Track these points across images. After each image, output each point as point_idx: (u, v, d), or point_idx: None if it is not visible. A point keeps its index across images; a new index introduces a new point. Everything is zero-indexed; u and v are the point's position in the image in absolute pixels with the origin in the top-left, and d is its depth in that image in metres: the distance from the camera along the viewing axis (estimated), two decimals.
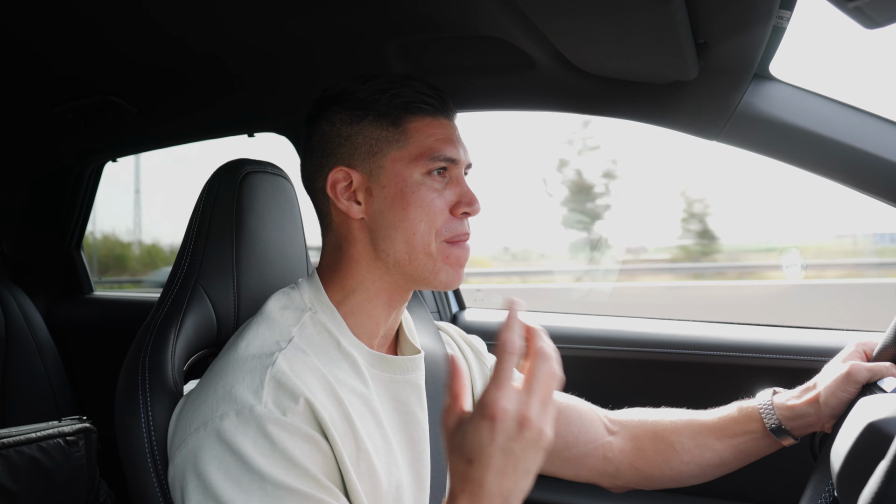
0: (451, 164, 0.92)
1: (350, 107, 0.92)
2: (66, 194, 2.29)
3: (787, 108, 1.14)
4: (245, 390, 0.78)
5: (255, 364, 0.81)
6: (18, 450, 1.40)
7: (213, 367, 0.85)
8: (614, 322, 1.70)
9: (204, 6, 1.12)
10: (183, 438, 0.78)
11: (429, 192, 0.90)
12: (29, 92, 1.58)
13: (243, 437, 0.74)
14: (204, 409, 0.78)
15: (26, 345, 1.99)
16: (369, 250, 0.92)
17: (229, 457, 0.74)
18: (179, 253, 1.01)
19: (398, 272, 0.92)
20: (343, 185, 0.92)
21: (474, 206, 0.92)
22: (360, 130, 0.91)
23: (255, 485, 0.72)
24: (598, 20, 0.94)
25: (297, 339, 0.86)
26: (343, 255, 0.94)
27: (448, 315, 1.91)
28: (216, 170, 1.05)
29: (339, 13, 1.14)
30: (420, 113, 0.91)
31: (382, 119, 0.91)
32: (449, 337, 1.18)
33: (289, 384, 0.78)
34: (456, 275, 0.93)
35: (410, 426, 0.94)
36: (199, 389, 0.83)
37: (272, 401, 0.77)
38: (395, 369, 0.95)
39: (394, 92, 0.91)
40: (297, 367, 0.81)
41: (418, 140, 0.90)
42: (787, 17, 1.00)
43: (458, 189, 0.92)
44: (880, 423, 0.76)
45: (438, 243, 0.90)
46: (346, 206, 0.91)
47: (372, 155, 0.91)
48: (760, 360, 1.49)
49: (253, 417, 0.75)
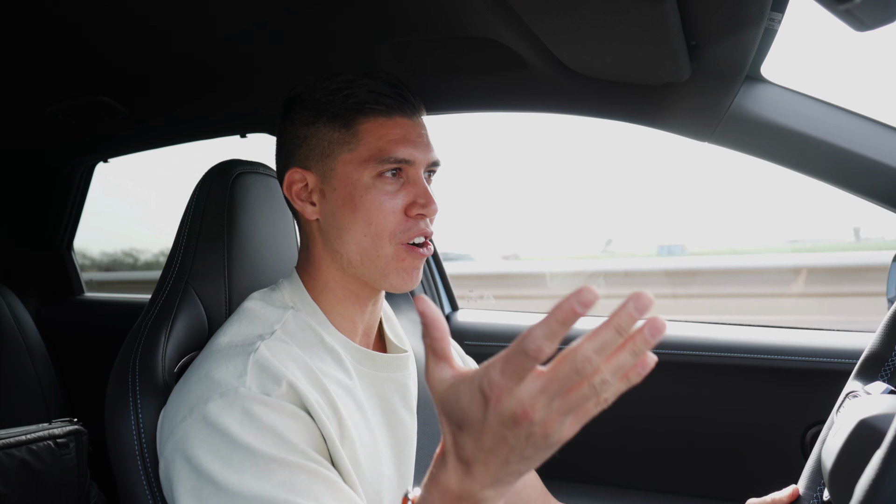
0: (406, 165, 0.90)
1: (307, 107, 0.92)
2: (56, 195, 2.28)
3: (778, 109, 1.15)
4: (228, 375, 0.78)
5: (238, 351, 0.82)
6: (8, 452, 1.39)
7: (195, 362, 0.86)
8: None
9: (195, 7, 1.11)
10: (170, 430, 0.78)
11: (378, 194, 0.89)
12: (19, 93, 1.57)
13: (229, 417, 0.75)
14: (188, 398, 0.79)
15: (16, 346, 1.98)
16: (327, 251, 0.93)
17: (217, 438, 0.74)
18: (170, 254, 1.01)
19: (352, 272, 0.92)
20: (299, 186, 0.93)
21: (429, 206, 0.90)
22: (314, 132, 0.92)
23: (247, 461, 0.72)
24: (590, 21, 0.94)
25: (279, 332, 0.87)
26: (309, 254, 0.96)
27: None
28: (208, 171, 1.05)
29: (331, 14, 1.13)
30: (373, 114, 0.90)
31: (335, 121, 0.91)
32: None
33: (272, 368, 0.79)
34: (408, 278, 0.92)
35: (394, 424, 0.94)
36: (181, 383, 0.83)
37: (256, 384, 0.78)
38: (380, 367, 0.95)
39: (348, 92, 0.90)
40: (279, 354, 0.82)
41: (368, 142, 0.89)
42: (778, 19, 1.01)
43: (413, 190, 0.91)
44: (871, 420, 0.77)
45: (394, 246, 0.90)
46: (300, 206, 0.93)
47: (324, 157, 0.91)
48: (760, 361, 1.49)
49: (238, 398, 0.76)
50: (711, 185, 9.96)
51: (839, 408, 0.93)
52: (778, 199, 7.53)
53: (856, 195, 1.18)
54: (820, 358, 1.44)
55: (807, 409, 1.45)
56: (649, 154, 10.60)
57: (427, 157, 0.92)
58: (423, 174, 0.93)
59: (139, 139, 1.99)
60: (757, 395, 1.51)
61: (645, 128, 1.34)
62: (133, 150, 2.11)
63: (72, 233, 2.41)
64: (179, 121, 1.81)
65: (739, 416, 1.54)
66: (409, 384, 0.98)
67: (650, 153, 11.25)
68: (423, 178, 0.92)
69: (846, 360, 1.40)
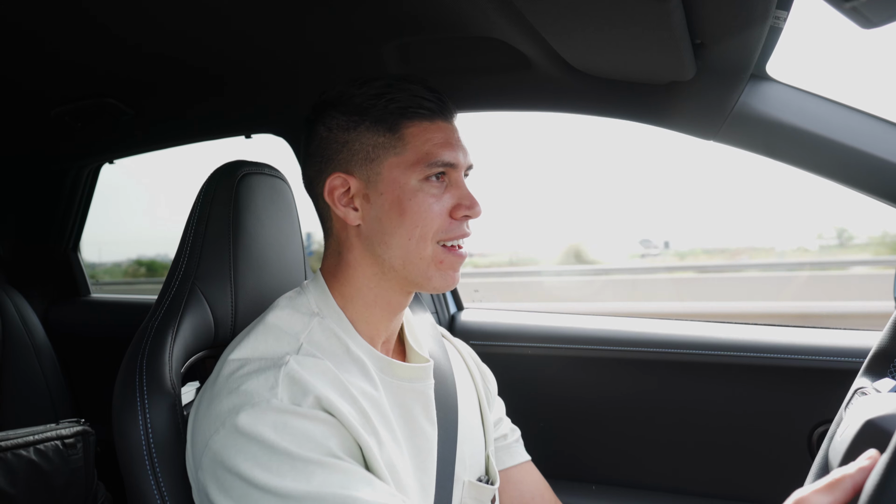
0: (450, 169, 0.91)
1: (347, 112, 0.91)
2: (63, 196, 2.29)
3: (783, 108, 1.14)
4: (260, 387, 0.79)
5: (268, 364, 0.82)
6: (16, 453, 1.40)
7: (218, 372, 0.85)
8: (614, 322, 1.70)
9: (200, 9, 1.11)
10: (204, 444, 0.78)
11: (426, 197, 0.89)
12: (26, 94, 1.58)
13: (262, 426, 0.75)
14: (218, 410, 0.79)
15: (23, 347, 1.99)
16: (366, 256, 0.92)
17: (253, 446, 0.75)
18: (176, 254, 1.01)
19: (393, 276, 0.92)
20: (341, 191, 0.91)
21: (475, 208, 0.92)
22: (356, 137, 0.91)
23: (286, 465, 0.73)
24: (595, 20, 0.94)
25: (305, 345, 0.86)
26: (341, 260, 0.94)
27: (446, 316, 1.91)
28: (213, 171, 1.05)
29: (335, 14, 1.14)
30: (417, 118, 0.90)
31: (379, 125, 0.90)
32: (461, 355, 1.17)
33: (303, 381, 0.80)
34: (451, 279, 0.93)
35: (415, 434, 0.93)
36: (207, 396, 0.83)
37: (287, 396, 0.78)
38: (403, 376, 0.94)
39: (390, 97, 0.90)
40: (309, 368, 0.82)
41: (415, 146, 0.89)
42: (783, 17, 1.01)
43: (457, 192, 0.92)
44: (878, 420, 0.77)
45: (433, 246, 0.90)
46: (343, 212, 0.91)
47: (369, 161, 0.90)
48: (767, 360, 1.49)
49: (270, 408, 0.76)
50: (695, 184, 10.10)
51: (847, 404, 0.93)
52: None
53: (862, 193, 1.17)
54: (827, 357, 1.43)
55: (814, 408, 1.44)
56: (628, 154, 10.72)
57: (467, 160, 0.94)
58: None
59: (145, 140, 2.00)
60: (764, 393, 1.51)
61: (650, 126, 1.34)
62: (139, 151, 2.12)
63: (78, 234, 2.42)
64: (185, 122, 1.82)
65: (746, 415, 1.54)
66: (430, 394, 0.98)
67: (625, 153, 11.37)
68: (464, 181, 0.94)
69: (853, 358, 1.39)
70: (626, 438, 1.66)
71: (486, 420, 1.11)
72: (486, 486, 1.02)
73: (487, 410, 1.12)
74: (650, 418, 1.63)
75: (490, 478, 1.06)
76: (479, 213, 0.93)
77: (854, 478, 0.57)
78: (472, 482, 1.01)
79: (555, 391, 1.71)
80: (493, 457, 1.09)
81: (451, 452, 0.97)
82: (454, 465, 0.97)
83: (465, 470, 1.00)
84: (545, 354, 1.70)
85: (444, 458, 0.96)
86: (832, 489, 0.56)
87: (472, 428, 1.06)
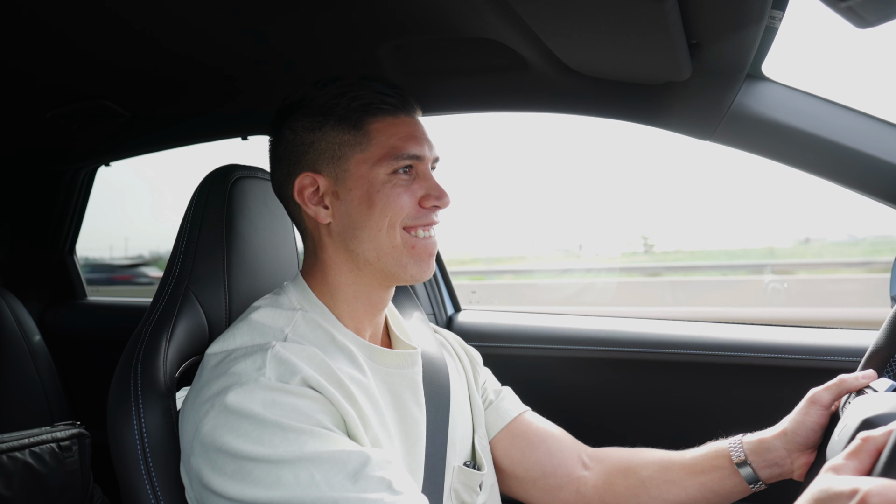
0: (416, 161, 0.93)
1: (310, 113, 0.93)
2: (58, 199, 2.28)
3: (779, 107, 1.14)
4: (247, 368, 0.80)
5: (255, 349, 0.83)
6: (11, 456, 1.40)
7: (203, 367, 0.87)
8: (612, 322, 1.70)
9: (195, 10, 1.11)
10: (195, 427, 0.79)
11: (394, 188, 0.91)
12: (21, 96, 1.57)
13: (251, 402, 0.76)
14: (207, 394, 0.80)
15: (19, 350, 1.98)
16: (340, 253, 0.94)
17: (243, 422, 0.76)
18: (170, 259, 1.01)
19: (369, 270, 0.93)
20: (310, 190, 0.93)
21: (443, 198, 0.94)
22: (322, 136, 0.92)
23: (277, 437, 0.74)
24: (591, 21, 0.94)
25: (291, 335, 0.88)
26: (318, 260, 0.96)
27: (443, 316, 1.91)
28: (206, 175, 1.05)
29: (332, 16, 1.13)
30: (380, 113, 0.92)
31: (343, 123, 0.91)
32: (447, 342, 1.19)
33: (290, 362, 0.81)
34: (426, 266, 0.95)
35: (405, 420, 0.95)
36: (194, 389, 0.84)
37: (275, 375, 0.79)
38: (391, 363, 0.96)
39: (352, 95, 0.92)
40: (297, 353, 0.83)
41: (380, 141, 0.91)
42: (779, 17, 1.01)
43: (425, 184, 0.94)
44: (876, 420, 0.77)
45: (402, 233, 0.92)
46: (314, 211, 0.93)
47: (336, 160, 0.92)
48: (759, 360, 1.49)
49: (258, 386, 0.78)
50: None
51: (845, 403, 0.93)
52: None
53: (858, 192, 1.18)
54: (825, 356, 1.43)
55: None
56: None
57: (433, 153, 0.96)
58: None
59: (140, 142, 1.99)
60: (762, 393, 1.51)
61: (646, 127, 1.34)
62: (135, 153, 2.12)
63: (74, 236, 2.42)
64: (180, 124, 1.81)
65: (745, 415, 1.53)
66: (419, 380, 0.99)
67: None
68: (431, 173, 0.96)
69: (850, 358, 1.39)
70: (624, 439, 1.65)
71: (474, 405, 1.12)
72: (472, 472, 1.03)
73: (477, 395, 1.14)
74: (648, 418, 1.63)
75: (476, 463, 1.07)
76: (448, 203, 0.95)
77: (876, 440, 0.62)
78: (460, 467, 1.02)
79: (552, 392, 1.70)
80: (480, 445, 1.10)
81: (443, 438, 0.99)
82: (445, 449, 0.98)
83: (456, 455, 1.02)
84: (542, 355, 1.70)
85: (434, 443, 0.97)
86: (857, 454, 0.62)
87: (462, 413, 1.07)
